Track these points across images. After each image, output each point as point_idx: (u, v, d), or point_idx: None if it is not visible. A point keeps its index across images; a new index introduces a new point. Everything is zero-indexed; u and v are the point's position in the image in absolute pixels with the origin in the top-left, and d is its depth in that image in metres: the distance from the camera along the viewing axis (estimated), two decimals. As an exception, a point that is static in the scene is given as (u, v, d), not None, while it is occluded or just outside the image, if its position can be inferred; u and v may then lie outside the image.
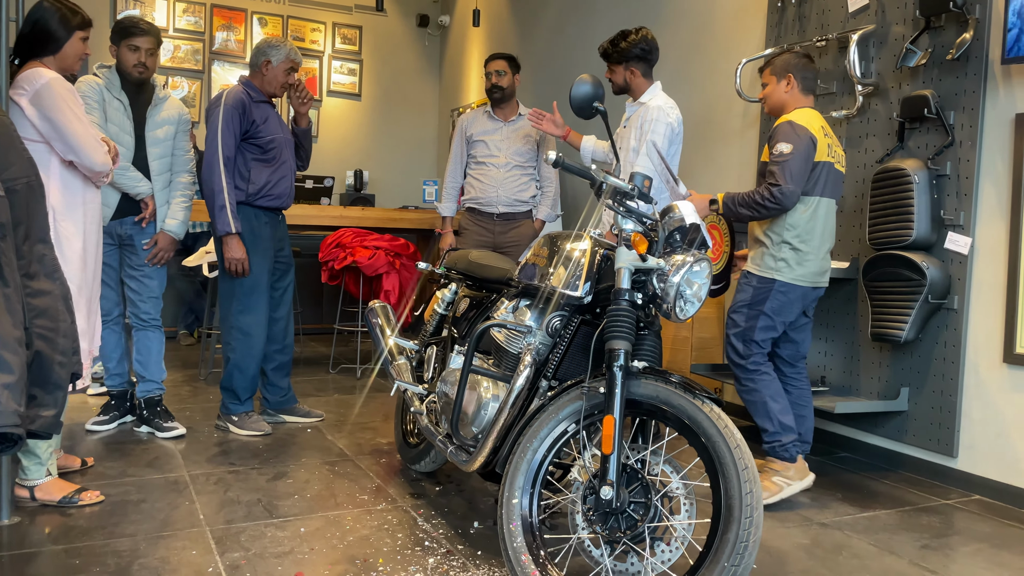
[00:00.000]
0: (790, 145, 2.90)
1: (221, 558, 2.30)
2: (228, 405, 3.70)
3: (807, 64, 3.10)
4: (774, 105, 3.16)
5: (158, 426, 3.57)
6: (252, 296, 3.64)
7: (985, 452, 3.15)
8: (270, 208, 3.69)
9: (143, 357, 3.57)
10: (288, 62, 3.68)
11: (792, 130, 2.93)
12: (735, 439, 1.87)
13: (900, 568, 2.42)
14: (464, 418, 2.45)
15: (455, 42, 8.07)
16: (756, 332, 3.00)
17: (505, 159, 4.48)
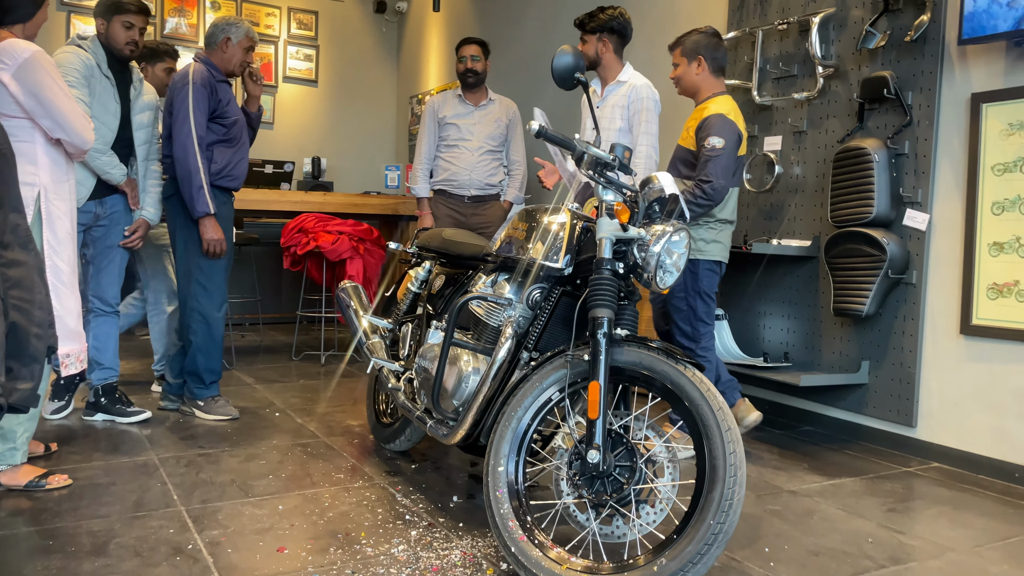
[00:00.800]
0: (723, 140, 3.00)
1: (200, 536, 2.27)
2: (193, 390, 3.63)
3: (717, 44, 3.21)
4: (686, 87, 3.27)
5: (121, 412, 3.49)
6: (213, 279, 3.57)
7: (943, 421, 3.27)
8: (227, 189, 3.63)
9: (101, 344, 3.48)
10: (247, 40, 3.61)
11: (725, 124, 3.03)
12: (717, 402, 1.91)
13: (868, 530, 2.50)
14: (444, 392, 2.45)
15: (413, 28, 8.01)
16: (699, 312, 3.15)
17: (478, 143, 4.52)
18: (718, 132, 3.01)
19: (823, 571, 2.18)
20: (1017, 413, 3.02)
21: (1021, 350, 3.01)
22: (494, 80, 6.40)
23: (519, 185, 4.69)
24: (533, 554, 1.95)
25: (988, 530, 2.54)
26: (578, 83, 2.10)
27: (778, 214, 3.92)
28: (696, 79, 3.21)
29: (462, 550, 2.22)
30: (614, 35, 3.60)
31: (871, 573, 2.18)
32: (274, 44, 7.84)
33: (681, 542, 1.82)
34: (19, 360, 1.73)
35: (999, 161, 3.06)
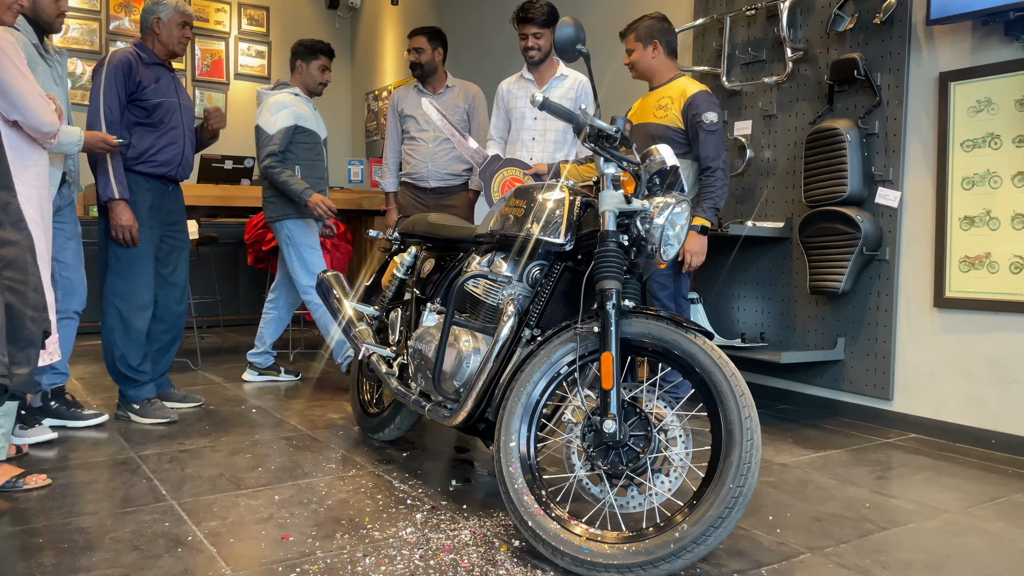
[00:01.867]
0: (716, 114, 3.16)
1: (198, 527, 2.19)
2: (125, 393, 3.44)
3: (669, 28, 3.36)
4: (643, 71, 3.40)
5: (75, 415, 3.29)
6: (131, 270, 3.39)
7: (919, 393, 3.36)
8: (153, 175, 3.43)
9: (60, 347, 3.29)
10: (179, 15, 3.44)
11: (712, 100, 3.20)
12: (730, 368, 1.92)
13: (863, 496, 2.55)
14: (445, 373, 2.42)
15: (367, 24, 7.93)
16: (684, 289, 3.25)
17: (435, 133, 4.43)
18: (709, 107, 3.17)
19: (828, 535, 2.21)
20: (991, 381, 3.12)
21: (994, 319, 3.11)
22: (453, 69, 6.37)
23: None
24: (551, 527, 1.94)
25: (976, 492, 2.61)
26: (579, 54, 2.10)
27: (750, 197, 3.98)
28: (653, 63, 3.35)
29: (471, 530, 2.19)
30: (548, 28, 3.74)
31: (875, 535, 2.22)
32: (225, 40, 7.67)
33: (702, 507, 1.82)
34: (15, 344, 1.64)
35: (968, 137, 3.15)
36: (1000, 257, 3.07)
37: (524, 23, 3.78)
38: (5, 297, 1.62)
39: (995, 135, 3.07)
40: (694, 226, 3.16)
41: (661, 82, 3.35)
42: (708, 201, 3.18)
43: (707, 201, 3.18)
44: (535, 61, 3.83)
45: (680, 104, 3.21)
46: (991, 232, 3.09)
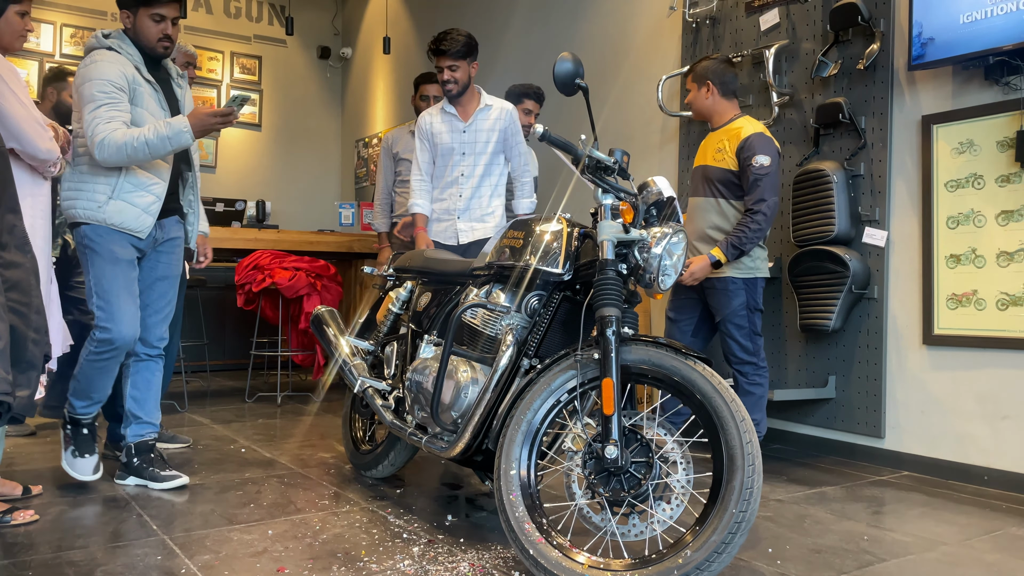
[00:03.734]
0: (769, 158, 3.13)
1: (191, 560, 2.15)
2: (115, 432, 3.39)
3: (725, 69, 3.32)
4: (698, 111, 3.38)
5: (154, 476, 2.91)
6: None
7: (910, 431, 3.37)
8: None
9: (140, 394, 2.98)
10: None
11: (767, 142, 3.16)
12: (730, 394, 1.93)
13: (861, 529, 2.54)
14: (443, 404, 2.41)
15: (358, 73, 8.06)
16: (757, 327, 3.26)
17: None
18: (763, 150, 3.12)
19: (829, 566, 2.20)
20: (982, 418, 3.14)
21: (982, 356, 3.14)
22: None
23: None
24: (552, 555, 1.92)
25: (972, 526, 2.61)
26: (578, 88, 2.15)
27: (739, 238, 4.03)
28: (706, 103, 3.32)
29: (469, 562, 2.16)
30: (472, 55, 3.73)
31: (875, 566, 2.21)
32: (217, 88, 7.76)
33: (705, 532, 1.81)
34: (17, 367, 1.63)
35: (952, 178, 3.23)
36: (987, 294, 3.12)
37: (438, 55, 3.62)
38: (9, 319, 1.61)
39: (978, 175, 3.16)
40: (710, 254, 3.17)
41: (720, 123, 3.32)
42: (734, 237, 3.14)
43: (733, 237, 3.14)
44: (453, 95, 3.67)
45: (735, 146, 3.19)
46: (977, 270, 3.15)
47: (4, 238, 1.67)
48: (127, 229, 2.76)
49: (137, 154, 2.67)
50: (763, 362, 3.26)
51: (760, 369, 3.24)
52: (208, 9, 7.75)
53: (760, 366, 3.24)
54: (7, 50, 2.61)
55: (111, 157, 2.65)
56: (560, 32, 5.25)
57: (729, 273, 3.22)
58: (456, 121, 3.73)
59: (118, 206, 2.75)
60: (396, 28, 7.24)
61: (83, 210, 2.74)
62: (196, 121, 2.71)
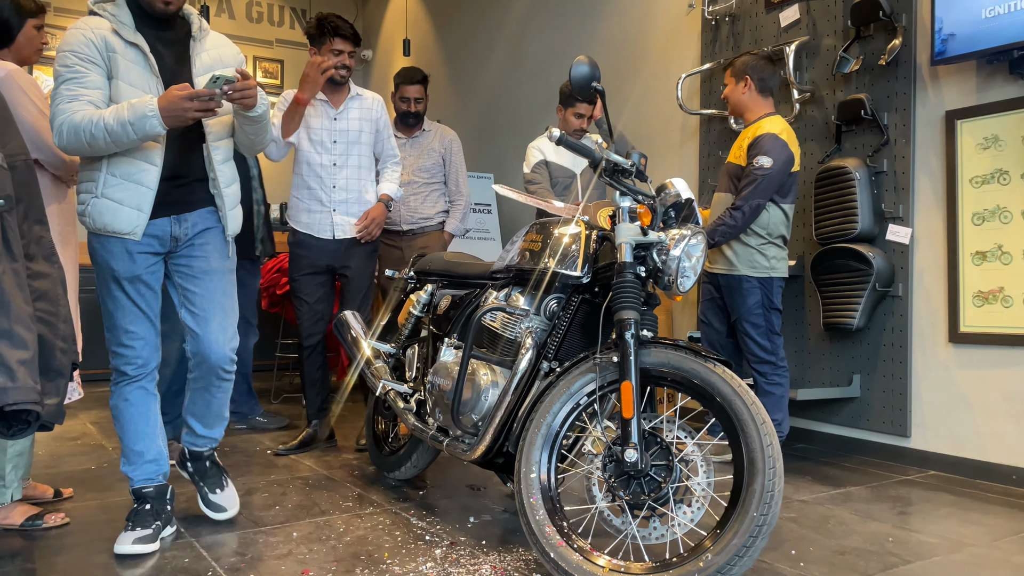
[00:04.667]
0: (771, 160, 3.10)
1: (217, 563, 2.18)
2: None
3: (765, 65, 3.30)
4: (734, 105, 3.36)
5: (203, 494, 2.59)
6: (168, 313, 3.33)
7: (936, 429, 3.33)
8: None
9: (199, 409, 2.53)
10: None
11: (776, 144, 3.13)
12: (750, 396, 1.92)
13: (886, 530, 2.52)
14: (463, 407, 2.43)
15: (379, 75, 8.10)
16: (776, 326, 3.24)
17: (408, 176, 4.19)
18: (769, 152, 3.10)
19: (853, 568, 2.18)
20: (1009, 416, 3.10)
21: (1009, 354, 3.10)
22: (462, 120, 6.49)
23: (460, 217, 4.31)
24: (573, 558, 1.93)
25: (999, 526, 2.58)
26: (595, 91, 2.15)
27: (761, 236, 4.01)
28: (742, 98, 3.30)
29: (491, 564, 2.17)
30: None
31: (899, 568, 2.19)
32: (240, 92, 7.84)
33: (726, 536, 1.81)
34: (45, 375, 1.66)
35: (977, 174, 3.19)
36: (1014, 291, 3.08)
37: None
38: (37, 328, 1.65)
39: (1003, 171, 3.11)
40: None
41: (750, 120, 3.31)
42: (709, 226, 3.15)
43: (709, 226, 3.15)
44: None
45: (750, 143, 3.19)
46: (1003, 267, 3.11)
47: (32, 249, 1.71)
48: (113, 232, 2.27)
49: (96, 142, 2.16)
50: (782, 361, 3.24)
51: (779, 369, 3.22)
52: (231, 14, 7.83)
53: (779, 365, 3.22)
54: (26, 62, 2.66)
55: (70, 144, 2.19)
56: (578, 32, 5.25)
57: (744, 272, 3.21)
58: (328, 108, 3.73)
59: (101, 205, 2.27)
60: (416, 30, 7.27)
61: (81, 216, 2.33)
62: (166, 105, 2.15)
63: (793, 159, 3.18)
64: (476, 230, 5.80)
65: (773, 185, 3.13)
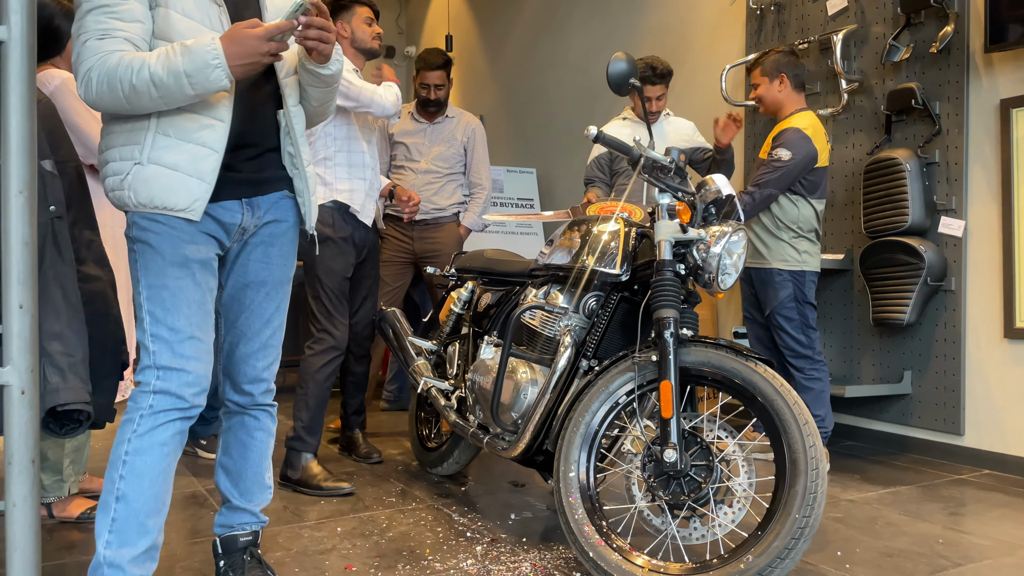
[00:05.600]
0: (790, 153, 3.07)
1: (263, 557, 2.23)
2: (194, 429, 3.47)
3: (796, 61, 3.25)
4: (770, 104, 3.30)
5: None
6: None
7: (991, 427, 3.24)
8: None
9: (235, 463, 1.97)
10: None
11: (799, 139, 3.09)
12: (792, 396, 1.89)
13: (935, 532, 2.47)
14: (503, 405, 2.44)
15: (423, 71, 8.15)
16: (810, 320, 3.19)
17: (426, 164, 4.02)
18: (789, 145, 3.08)
19: (900, 571, 2.14)
20: (1069, 414, 3.00)
21: (1069, 350, 3.00)
22: (503, 116, 6.49)
23: (479, 210, 4.13)
24: (612, 558, 1.92)
25: (1056, 529, 2.50)
26: (632, 88, 2.13)
27: (808, 229, 3.93)
28: (779, 96, 3.26)
29: (531, 562, 2.18)
30: None
31: (949, 571, 2.14)
32: (287, 91, 7.95)
33: (767, 538, 1.79)
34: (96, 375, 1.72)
35: (1033, 164, 3.09)
36: (1073, 285, 2.97)
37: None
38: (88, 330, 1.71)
39: (1062, 160, 3.00)
40: None
41: (783, 116, 3.27)
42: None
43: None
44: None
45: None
46: (1062, 260, 3.00)
47: (83, 253, 1.77)
48: (164, 208, 1.65)
49: (139, 97, 1.59)
50: (819, 356, 3.17)
51: (816, 363, 3.15)
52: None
53: (816, 360, 3.16)
54: None
55: (101, 98, 1.60)
56: (621, 24, 5.20)
57: (775, 265, 3.17)
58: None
59: (148, 173, 1.65)
60: (458, 26, 7.29)
61: (113, 191, 1.68)
62: (234, 49, 1.59)
63: (816, 155, 3.12)
64: (520, 225, 5.80)
65: (788, 178, 3.09)
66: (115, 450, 1.62)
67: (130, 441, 1.60)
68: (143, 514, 1.62)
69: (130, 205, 1.67)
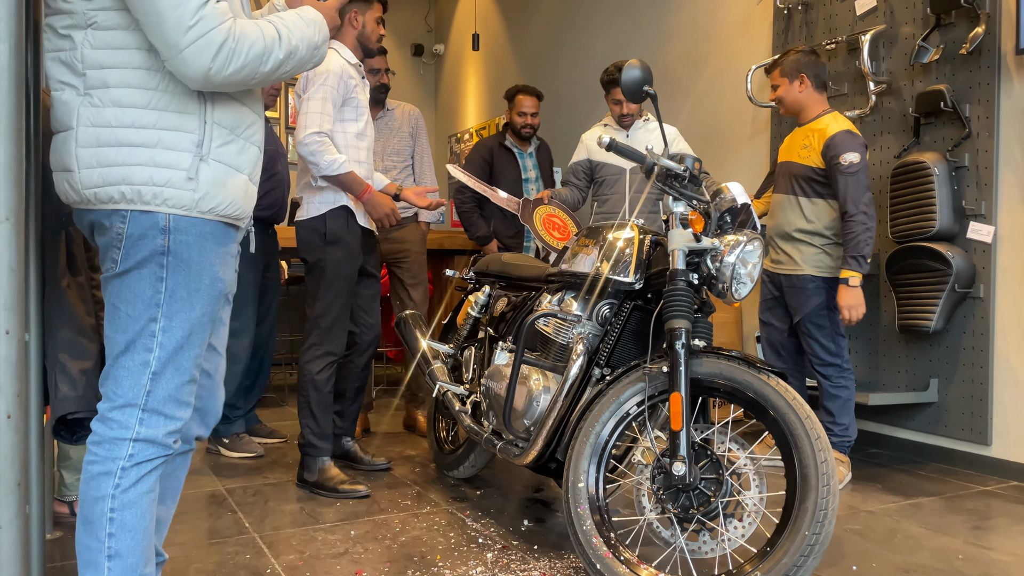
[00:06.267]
0: (858, 155, 2.99)
1: (276, 560, 2.25)
2: (217, 427, 3.53)
3: (816, 60, 3.19)
4: (791, 106, 3.24)
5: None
6: (241, 310, 3.46)
7: (1019, 437, 3.17)
8: (258, 219, 3.53)
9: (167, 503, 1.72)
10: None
11: (854, 139, 3.02)
12: (805, 410, 1.87)
13: (956, 547, 2.42)
14: (515, 412, 2.44)
15: (450, 70, 8.16)
16: (840, 327, 3.13)
17: (381, 163, 3.95)
18: (851, 148, 2.99)
19: (916, 588, 2.10)
20: (1100, 426, 2.92)
21: (1101, 361, 2.92)
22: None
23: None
24: (619, 570, 1.91)
25: (1083, 546, 2.44)
26: (647, 95, 2.11)
27: (834, 233, 3.87)
28: (800, 97, 3.19)
29: (541, 571, 2.18)
30: None
31: (968, 589, 2.10)
32: (316, 89, 8.01)
33: (776, 554, 1.77)
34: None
35: (1066, 169, 3.00)
36: (1106, 294, 2.89)
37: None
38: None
39: (1096, 166, 2.92)
40: (842, 279, 2.99)
41: (809, 118, 3.20)
42: (850, 250, 2.97)
43: (849, 251, 2.98)
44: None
45: (822, 143, 3.06)
46: (1095, 268, 2.92)
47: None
48: (223, 216, 1.51)
49: (269, 78, 1.50)
50: (847, 364, 3.12)
51: (844, 372, 3.10)
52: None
53: (844, 368, 3.10)
54: None
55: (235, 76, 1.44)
56: (647, 22, 5.16)
57: (809, 271, 3.11)
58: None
59: (218, 173, 1.49)
60: (486, 24, 7.28)
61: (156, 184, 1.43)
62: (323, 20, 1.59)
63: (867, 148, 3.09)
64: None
65: (865, 179, 3.00)
66: (93, 506, 1.43)
67: (114, 497, 1.44)
68: (140, 566, 1.49)
69: (188, 206, 1.45)
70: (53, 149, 1.40)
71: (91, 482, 1.43)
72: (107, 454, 1.44)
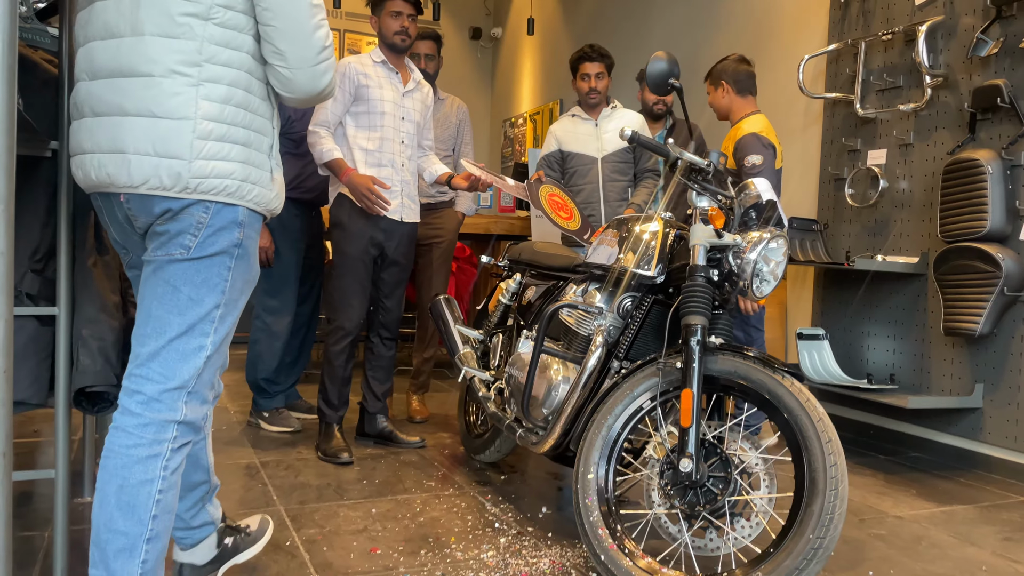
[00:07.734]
0: (760, 157, 3.15)
1: (297, 534, 2.33)
2: (258, 401, 3.67)
3: (737, 67, 3.35)
4: (719, 111, 3.44)
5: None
6: (282, 288, 3.58)
7: (1066, 449, 3.05)
8: (302, 201, 3.62)
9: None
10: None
11: (758, 142, 3.18)
12: (817, 412, 1.84)
13: (982, 558, 2.35)
14: (535, 400, 2.46)
15: (507, 53, 8.16)
16: (753, 319, 3.29)
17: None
18: (753, 150, 3.17)
19: (932, 598, 2.06)
20: None
21: None
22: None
23: (472, 196, 4.11)
24: (623, 563, 1.92)
25: (1120, 565, 2.34)
26: (672, 88, 2.09)
27: (883, 230, 3.77)
28: (723, 102, 3.41)
29: (551, 559, 2.20)
30: None
31: (986, 602, 2.04)
32: (374, 71, 8.11)
33: (778, 556, 1.75)
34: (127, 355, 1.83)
35: None
36: None
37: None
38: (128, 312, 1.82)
39: None
40: None
41: (734, 121, 3.40)
42: None
43: None
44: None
45: (733, 146, 3.26)
46: None
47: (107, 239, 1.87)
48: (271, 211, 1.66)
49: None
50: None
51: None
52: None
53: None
54: None
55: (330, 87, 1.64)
56: (703, 10, 5.07)
57: None
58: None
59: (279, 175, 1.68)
60: (542, 9, 7.25)
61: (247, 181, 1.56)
62: None
63: (776, 153, 3.19)
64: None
65: (772, 179, 3.13)
66: (138, 489, 1.46)
67: (163, 479, 1.48)
68: (167, 548, 1.54)
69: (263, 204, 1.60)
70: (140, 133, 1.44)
71: (136, 465, 1.46)
72: (155, 436, 1.48)
